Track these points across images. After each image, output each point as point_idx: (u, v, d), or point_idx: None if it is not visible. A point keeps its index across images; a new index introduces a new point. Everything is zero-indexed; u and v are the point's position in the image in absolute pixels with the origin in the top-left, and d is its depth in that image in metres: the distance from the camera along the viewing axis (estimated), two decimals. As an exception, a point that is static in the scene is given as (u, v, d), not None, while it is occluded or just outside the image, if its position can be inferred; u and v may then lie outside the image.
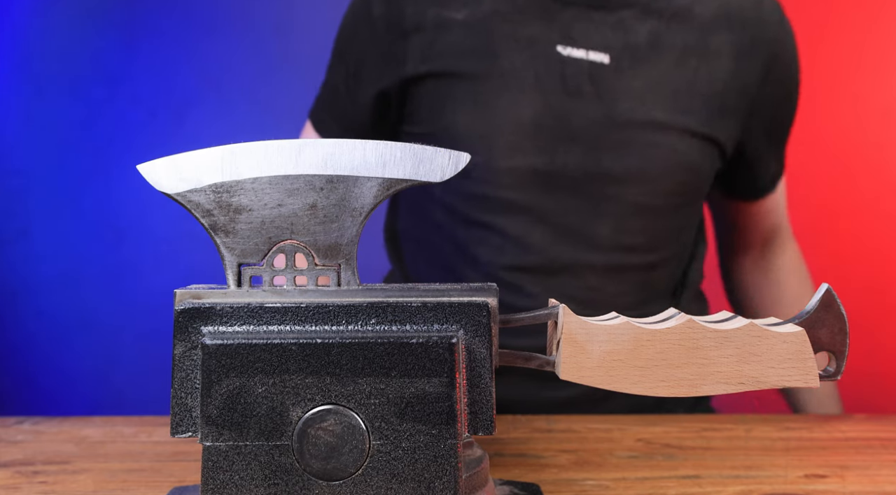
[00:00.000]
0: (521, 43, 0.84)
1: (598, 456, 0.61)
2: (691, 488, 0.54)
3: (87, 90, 1.59)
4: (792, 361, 0.41)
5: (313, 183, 0.41)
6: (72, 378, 1.61)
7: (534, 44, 0.83)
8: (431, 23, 0.86)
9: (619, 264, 0.84)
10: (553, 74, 0.83)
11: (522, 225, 0.83)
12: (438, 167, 0.42)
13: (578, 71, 0.82)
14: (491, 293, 0.41)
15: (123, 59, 1.58)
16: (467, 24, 0.85)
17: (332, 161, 0.42)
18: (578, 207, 0.83)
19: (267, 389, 0.38)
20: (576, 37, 0.83)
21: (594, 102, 0.82)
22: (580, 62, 0.82)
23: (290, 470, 0.39)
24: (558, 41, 0.83)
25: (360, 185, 0.42)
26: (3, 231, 1.61)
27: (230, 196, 0.41)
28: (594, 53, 0.82)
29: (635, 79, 0.83)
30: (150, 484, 0.56)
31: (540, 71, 0.83)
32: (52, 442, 0.67)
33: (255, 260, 0.42)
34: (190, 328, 0.40)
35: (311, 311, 0.40)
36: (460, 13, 0.86)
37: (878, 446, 0.64)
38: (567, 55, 0.83)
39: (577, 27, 0.83)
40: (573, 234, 0.83)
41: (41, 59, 1.60)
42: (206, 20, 1.59)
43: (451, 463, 0.39)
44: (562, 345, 0.42)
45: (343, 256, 0.42)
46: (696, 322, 0.42)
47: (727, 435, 0.68)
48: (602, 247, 0.83)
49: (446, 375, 0.39)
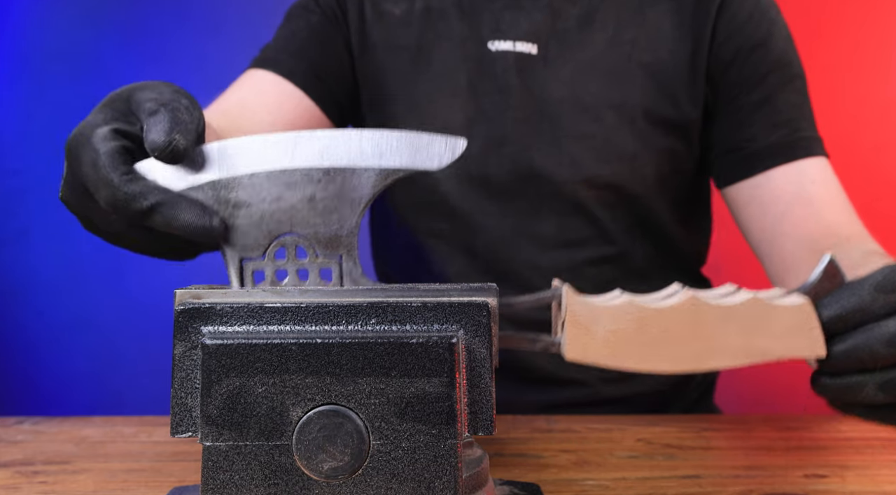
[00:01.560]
0: (453, 41, 0.83)
1: (598, 456, 0.61)
2: (691, 488, 0.54)
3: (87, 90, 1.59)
4: (798, 332, 0.41)
5: (311, 175, 0.41)
6: (72, 378, 1.61)
7: (465, 42, 0.82)
8: (371, 14, 0.85)
9: (570, 261, 0.82)
10: (484, 75, 0.81)
11: (467, 231, 0.83)
12: (435, 154, 0.42)
13: (506, 66, 0.81)
14: (491, 293, 0.41)
15: (123, 59, 1.58)
16: (403, 21, 0.84)
17: (328, 153, 0.42)
18: (519, 209, 0.81)
19: (267, 389, 0.38)
20: (505, 28, 0.81)
21: (523, 97, 0.81)
22: (508, 56, 0.81)
23: (290, 470, 0.39)
24: (488, 36, 0.82)
25: (357, 176, 0.42)
26: (3, 231, 1.61)
27: (228, 192, 0.41)
28: (521, 44, 0.81)
29: (565, 65, 0.80)
30: (150, 484, 0.56)
31: (472, 73, 0.82)
32: (52, 442, 0.67)
33: (257, 254, 0.42)
34: (190, 328, 0.40)
35: (311, 311, 0.40)
36: (398, 7, 0.85)
37: (878, 446, 0.64)
38: (496, 50, 0.81)
39: (506, 17, 0.82)
40: (517, 237, 0.82)
41: (41, 58, 1.60)
42: (206, 20, 1.59)
43: (451, 463, 0.39)
44: (566, 327, 0.41)
45: (344, 247, 0.42)
46: (699, 298, 0.41)
47: (727, 435, 0.68)
48: (549, 246, 0.81)
49: (446, 375, 0.38)
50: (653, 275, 0.84)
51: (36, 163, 1.60)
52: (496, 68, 0.81)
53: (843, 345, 0.41)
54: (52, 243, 1.60)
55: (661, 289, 0.91)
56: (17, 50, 1.61)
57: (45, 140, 1.59)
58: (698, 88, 0.81)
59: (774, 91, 0.79)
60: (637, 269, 0.83)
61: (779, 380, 1.48)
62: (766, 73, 0.80)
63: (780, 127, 0.78)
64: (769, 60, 0.80)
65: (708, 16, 0.80)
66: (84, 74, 1.59)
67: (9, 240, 1.61)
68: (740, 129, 0.80)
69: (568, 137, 0.80)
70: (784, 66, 0.80)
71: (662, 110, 0.80)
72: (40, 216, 1.60)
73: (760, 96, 0.80)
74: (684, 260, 0.88)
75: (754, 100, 0.80)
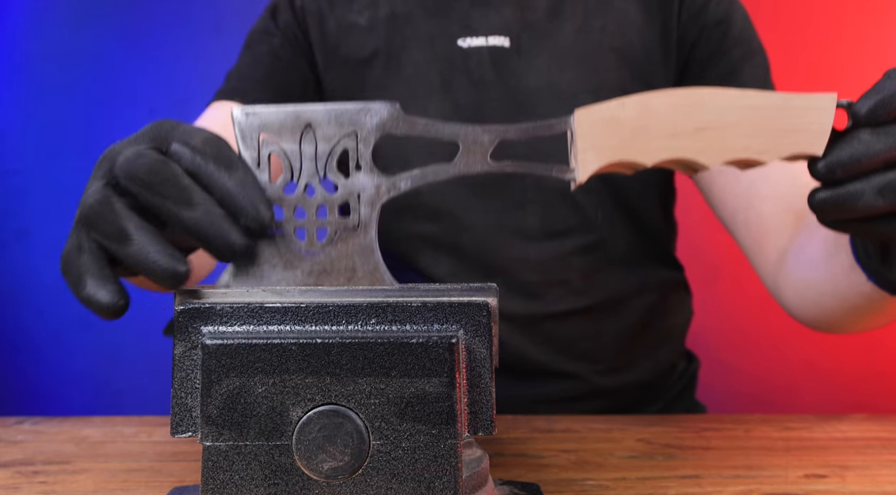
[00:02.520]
0: (421, 43, 0.83)
1: (598, 456, 0.61)
2: (691, 488, 0.54)
3: (87, 90, 1.59)
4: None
5: None
6: (72, 378, 1.61)
7: (433, 41, 0.83)
8: (334, 27, 0.85)
9: (558, 251, 0.82)
10: (457, 71, 0.82)
11: (451, 231, 0.83)
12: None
13: (480, 61, 0.82)
14: (491, 293, 0.41)
15: (123, 59, 1.58)
16: (369, 29, 0.85)
17: None
18: (502, 203, 0.82)
19: (267, 389, 0.38)
20: (475, 25, 0.82)
21: (499, 90, 0.81)
22: (481, 51, 0.82)
23: (290, 470, 0.39)
24: (458, 34, 0.82)
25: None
26: (3, 231, 1.61)
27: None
28: (494, 38, 0.81)
29: (539, 55, 0.81)
30: (150, 484, 0.56)
31: (444, 70, 0.82)
32: (52, 442, 0.67)
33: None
34: (190, 328, 0.40)
35: (311, 311, 0.40)
36: (362, 17, 0.85)
37: (878, 446, 0.64)
38: (467, 47, 0.82)
39: (475, 14, 0.82)
40: (502, 232, 0.82)
41: (41, 59, 1.60)
42: (206, 20, 1.59)
43: (451, 463, 0.39)
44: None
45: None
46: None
47: (727, 435, 0.68)
48: (535, 238, 0.82)
49: (446, 375, 0.38)
50: (633, 262, 0.86)
51: (36, 163, 1.60)
52: (470, 64, 0.82)
53: (841, 147, 0.41)
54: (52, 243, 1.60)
55: (643, 275, 0.89)
56: (16, 50, 1.61)
57: (45, 140, 1.60)
58: (670, 69, 0.83)
59: (738, 64, 0.82)
60: (619, 257, 0.85)
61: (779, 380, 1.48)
62: (731, 48, 0.82)
63: None
64: (732, 35, 0.82)
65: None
66: (84, 74, 1.59)
67: (9, 240, 1.61)
68: None
69: None
70: (745, 41, 0.83)
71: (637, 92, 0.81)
72: (40, 216, 1.60)
73: (725, 69, 0.82)
74: (661, 244, 0.89)
75: (720, 73, 0.82)
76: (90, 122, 1.58)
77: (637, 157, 0.42)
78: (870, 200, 0.41)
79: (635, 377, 0.86)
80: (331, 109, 0.42)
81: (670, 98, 0.42)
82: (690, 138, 0.41)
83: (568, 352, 0.84)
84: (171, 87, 1.58)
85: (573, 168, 0.43)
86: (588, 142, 0.42)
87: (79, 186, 1.67)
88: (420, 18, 0.84)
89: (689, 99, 0.41)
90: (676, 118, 0.41)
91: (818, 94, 0.41)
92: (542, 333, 0.83)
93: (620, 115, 0.42)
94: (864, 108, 0.41)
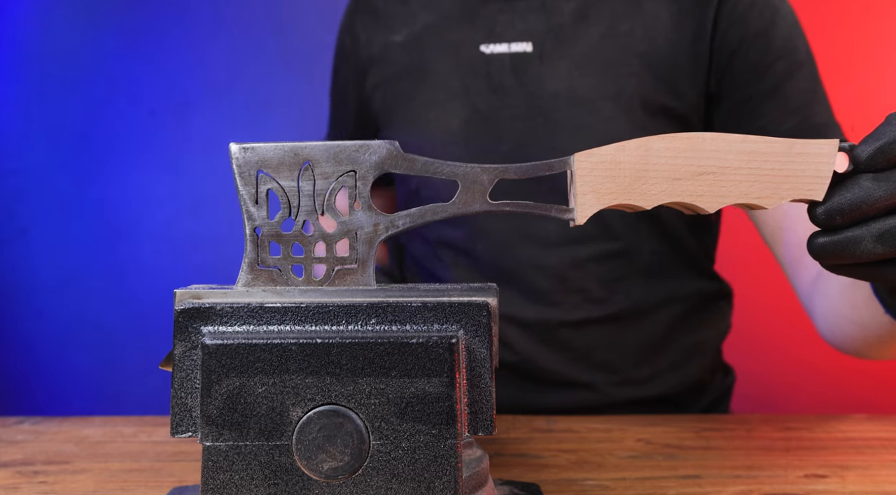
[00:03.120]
0: (447, 51, 0.84)
1: (598, 456, 0.61)
2: (691, 488, 0.54)
3: (87, 90, 1.59)
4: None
5: None
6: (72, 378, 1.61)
7: (458, 49, 0.83)
8: (378, 50, 0.89)
9: (574, 259, 0.81)
10: (478, 76, 0.82)
11: (468, 236, 0.83)
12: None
13: (501, 66, 0.81)
14: (491, 293, 0.41)
15: (123, 59, 1.59)
16: (404, 44, 0.87)
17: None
18: None
19: (267, 389, 0.38)
20: (499, 31, 0.82)
21: (518, 95, 0.81)
22: (502, 57, 0.82)
23: (290, 470, 0.39)
24: (482, 41, 0.82)
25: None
26: (3, 231, 1.61)
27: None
28: (516, 44, 0.81)
29: (560, 60, 0.80)
30: (150, 484, 0.56)
31: (465, 76, 0.83)
32: (52, 442, 0.67)
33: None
34: (190, 328, 0.40)
35: (311, 311, 0.40)
36: (400, 34, 0.88)
37: (878, 446, 0.64)
38: (490, 53, 0.82)
39: (500, 21, 0.82)
40: (519, 238, 0.81)
41: (41, 59, 1.60)
42: (206, 20, 1.59)
43: (451, 463, 0.39)
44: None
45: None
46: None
47: (727, 435, 0.68)
48: (552, 245, 0.81)
49: (446, 375, 0.38)
50: (661, 272, 0.83)
51: (36, 163, 1.60)
52: (490, 69, 0.82)
53: (841, 193, 0.41)
54: (52, 243, 1.60)
55: (671, 286, 0.87)
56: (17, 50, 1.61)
57: (45, 140, 1.60)
58: (700, 75, 0.80)
59: (783, 79, 0.78)
60: (644, 266, 0.82)
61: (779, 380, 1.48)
62: (773, 62, 0.78)
63: (793, 115, 0.77)
64: (774, 48, 0.79)
65: (709, 3, 0.79)
66: (84, 74, 1.59)
67: (9, 240, 1.61)
68: (751, 120, 0.79)
69: (563, 131, 0.79)
70: (790, 52, 0.79)
71: (661, 99, 0.80)
72: (40, 216, 1.60)
73: (769, 85, 0.78)
74: (692, 256, 0.86)
75: (763, 89, 0.79)
76: (90, 123, 1.58)
77: (637, 201, 0.42)
78: (869, 247, 0.41)
79: (656, 391, 0.84)
80: (329, 147, 0.42)
81: (670, 142, 0.42)
82: (690, 182, 0.42)
83: (584, 362, 0.82)
84: (172, 88, 1.58)
85: (572, 208, 0.43)
86: (588, 185, 0.42)
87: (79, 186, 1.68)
88: (447, 28, 0.85)
89: (689, 143, 0.41)
90: (676, 162, 0.42)
91: (820, 140, 0.41)
92: (557, 341, 0.82)
93: (620, 159, 0.42)
94: (863, 154, 0.41)
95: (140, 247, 1.59)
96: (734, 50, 0.79)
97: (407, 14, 0.88)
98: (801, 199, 0.42)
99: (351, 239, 0.42)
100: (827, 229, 0.42)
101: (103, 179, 1.58)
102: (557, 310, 0.81)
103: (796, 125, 0.77)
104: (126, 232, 1.59)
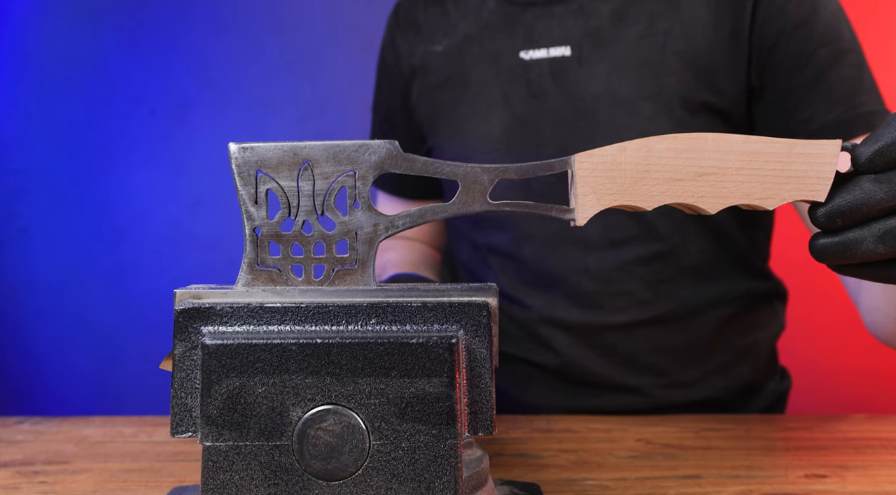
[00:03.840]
0: (487, 59, 0.85)
1: (598, 456, 0.61)
2: (691, 488, 0.54)
3: (87, 90, 1.59)
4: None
5: None
6: (72, 378, 1.61)
7: (499, 57, 0.84)
8: (420, 60, 0.90)
9: (618, 261, 0.80)
10: (517, 83, 0.82)
11: (514, 240, 0.83)
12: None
13: (540, 72, 0.82)
14: (491, 293, 0.41)
15: (123, 59, 1.59)
16: (446, 54, 0.88)
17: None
18: None
19: (267, 389, 0.38)
20: (537, 37, 0.83)
21: (559, 99, 0.81)
22: (541, 63, 0.82)
23: (290, 470, 0.39)
24: (521, 47, 0.83)
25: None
26: (3, 231, 1.61)
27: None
28: (555, 49, 0.81)
29: (599, 63, 0.80)
30: (150, 484, 0.56)
31: (505, 83, 0.83)
32: (52, 442, 0.67)
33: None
34: (190, 328, 0.40)
35: (311, 311, 0.40)
36: (441, 45, 0.89)
37: (878, 446, 0.64)
38: (529, 59, 0.82)
39: (539, 27, 0.83)
40: (562, 242, 0.81)
41: (41, 59, 1.60)
42: (205, 20, 1.59)
43: (451, 463, 0.39)
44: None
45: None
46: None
47: (727, 435, 0.68)
48: (595, 248, 0.81)
49: (446, 375, 0.38)
50: (709, 272, 0.82)
51: (36, 163, 1.60)
52: (529, 75, 0.82)
53: (842, 195, 0.41)
54: (52, 243, 1.60)
55: (719, 286, 0.82)
56: (17, 50, 1.61)
57: (45, 140, 1.59)
58: (740, 70, 0.79)
59: (825, 68, 0.75)
60: (692, 266, 0.81)
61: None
62: (814, 51, 0.76)
63: (837, 104, 0.74)
64: (815, 37, 0.76)
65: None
66: (84, 74, 1.59)
67: (9, 240, 1.61)
68: (796, 112, 0.77)
69: (603, 132, 0.79)
70: (833, 40, 0.76)
71: (701, 96, 0.79)
72: (40, 216, 1.60)
73: (811, 75, 0.76)
74: (742, 254, 0.84)
75: (805, 80, 0.76)
76: (90, 123, 1.58)
77: (638, 202, 0.42)
78: (870, 247, 0.41)
79: (704, 394, 0.83)
80: (329, 147, 0.42)
81: (671, 143, 0.42)
82: (691, 183, 0.42)
83: (630, 365, 0.81)
84: (171, 88, 1.58)
85: (572, 208, 0.43)
86: (589, 186, 0.42)
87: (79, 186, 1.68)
88: (488, 37, 0.85)
89: (690, 144, 0.41)
90: (678, 163, 0.42)
91: (822, 141, 0.41)
92: (602, 344, 0.81)
93: (622, 159, 0.42)
94: (863, 155, 0.41)
95: (140, 247, 1.59)
96: (774, 43, 0.77)
97: (448, 25, 0.89)
98: (803, 200, 0.42)
99: (351, 239, 0.42)
100: (828, 230, 0.42)
101: (103, 179, 1.58)
102: (602, 313, 0.81)
103: (841, 115, 0.74)
104: (126, 232, 1.59)
